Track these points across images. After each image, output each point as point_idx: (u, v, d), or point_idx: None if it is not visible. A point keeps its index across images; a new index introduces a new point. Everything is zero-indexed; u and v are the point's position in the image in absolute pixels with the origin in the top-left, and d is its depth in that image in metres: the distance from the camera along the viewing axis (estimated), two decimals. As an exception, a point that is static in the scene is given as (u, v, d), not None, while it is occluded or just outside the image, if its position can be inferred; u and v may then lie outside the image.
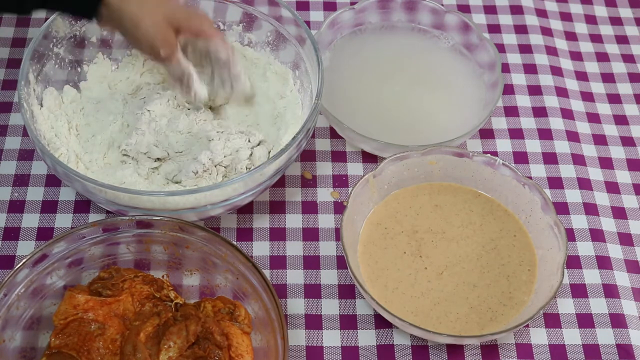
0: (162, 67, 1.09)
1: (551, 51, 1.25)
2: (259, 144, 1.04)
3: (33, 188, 1.07)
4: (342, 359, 0.96)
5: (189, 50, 1.02)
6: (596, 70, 1.25)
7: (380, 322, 0.98)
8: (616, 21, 1.31)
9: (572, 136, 1.16)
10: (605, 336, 0.98)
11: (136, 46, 1.00)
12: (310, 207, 1.07)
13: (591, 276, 1.03)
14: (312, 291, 1.00)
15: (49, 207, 1.05)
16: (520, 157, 1.14)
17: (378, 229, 1.02)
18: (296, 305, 0.99)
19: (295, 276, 1.01)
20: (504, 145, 1.15)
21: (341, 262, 1.03)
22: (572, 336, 0.98)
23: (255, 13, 1.12)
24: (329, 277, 1.02)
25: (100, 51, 1.12)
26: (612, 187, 1.12)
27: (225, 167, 1.01)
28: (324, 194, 1.09)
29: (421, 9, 1.19)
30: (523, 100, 1.20)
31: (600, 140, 1.17)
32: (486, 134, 1.15)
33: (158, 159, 1.03)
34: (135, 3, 0.94)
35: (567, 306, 1.01)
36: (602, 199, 1.11)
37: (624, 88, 1.23)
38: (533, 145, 1.15)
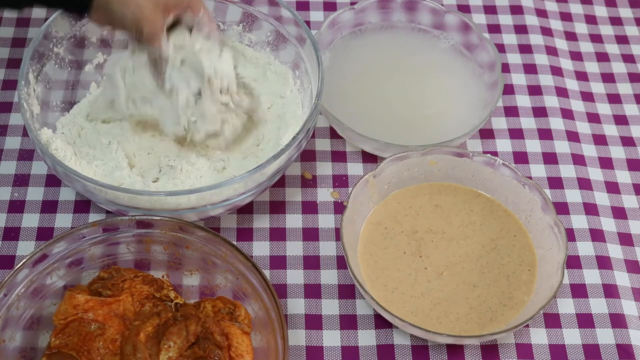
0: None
1: (551, 51, 1.25)
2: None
3: (33, 188, 1.07)
4: (342, 359, 0.96)
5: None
6: (596, 70, 1.25)
7: (380, 322, 0.98)
8: (616, 21, 1.31)
9: (572, 136, 1.16)
10: (605, 336, 0.98)
11: (122, 26, 0.97)
12: (310, 207, 1.07)
13: (591, 276, 1.03)
14: (312, 291, 1.00)
15: (49, 207, 1.05)
16: (520, 157, 1.14)
17: (378, 229, 1.02)
18: (296, 305, 0.99)
19: (295, 276, 1.01)
20: (504, 145, 1.15)
21: (341, 262, 1.03)
22: (572, 336, 0.98)
23: (255, 13, 1.12)
24: (329, 277, 1.02)
25: (100, 51, 1.12)
26: (612, 187, 1.12)
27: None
28: (324, 194, 1.09)
29: (421, 9, 1.19)
30: (523, 100, 1.20)
31: (600, 140, 1.17)
32: (486, 134, 1.15)
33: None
34: None
35: (567, 306, 1.01)
36: (602, 199, 1.10)
37: (624, 88, 1.23)
38: (533, 145, 1.15)
